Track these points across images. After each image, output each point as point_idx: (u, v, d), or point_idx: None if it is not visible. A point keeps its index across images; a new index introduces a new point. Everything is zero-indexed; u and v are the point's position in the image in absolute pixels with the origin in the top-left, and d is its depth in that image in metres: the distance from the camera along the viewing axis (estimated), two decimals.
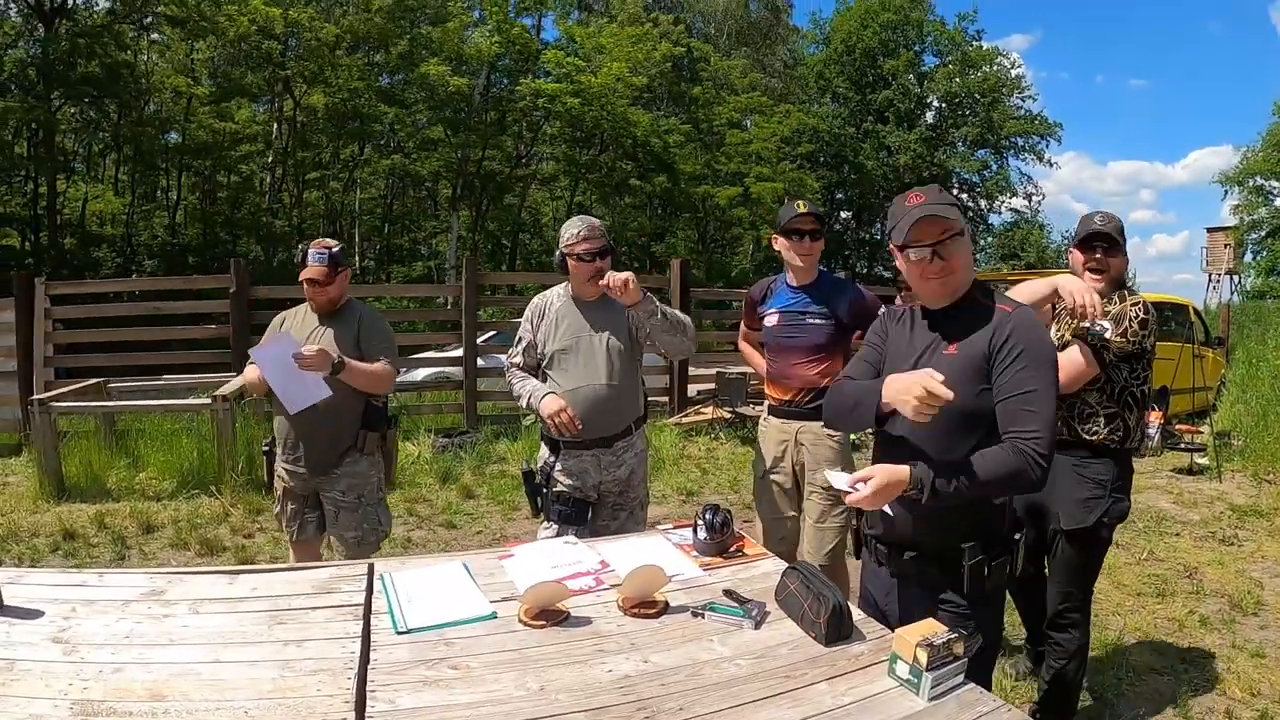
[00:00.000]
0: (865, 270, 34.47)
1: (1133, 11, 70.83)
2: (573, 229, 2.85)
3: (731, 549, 2.19)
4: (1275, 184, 30.06)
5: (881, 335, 2.01)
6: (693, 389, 8.95)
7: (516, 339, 3.07)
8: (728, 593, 1.88)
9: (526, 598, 1.76)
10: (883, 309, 2.30)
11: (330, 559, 3.25)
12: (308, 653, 1.56)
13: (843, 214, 36.43)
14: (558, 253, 2.92)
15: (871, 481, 1.74)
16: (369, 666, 1.51)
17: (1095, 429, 2.62)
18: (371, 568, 2.01)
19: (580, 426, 2.75)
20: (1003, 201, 37.02)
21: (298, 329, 3.11)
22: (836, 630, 1.69)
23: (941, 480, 1.71)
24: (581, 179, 27.69)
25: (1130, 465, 2.78)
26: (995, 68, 35.17)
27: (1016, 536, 1.89)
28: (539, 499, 2.91)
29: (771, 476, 3.16)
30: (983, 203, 37.09)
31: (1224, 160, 66.86)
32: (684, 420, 8.25)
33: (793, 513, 3.15)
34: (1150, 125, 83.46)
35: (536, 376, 2.98)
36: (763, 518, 3.24)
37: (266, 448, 3.23)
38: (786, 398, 3.11)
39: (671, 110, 29.57)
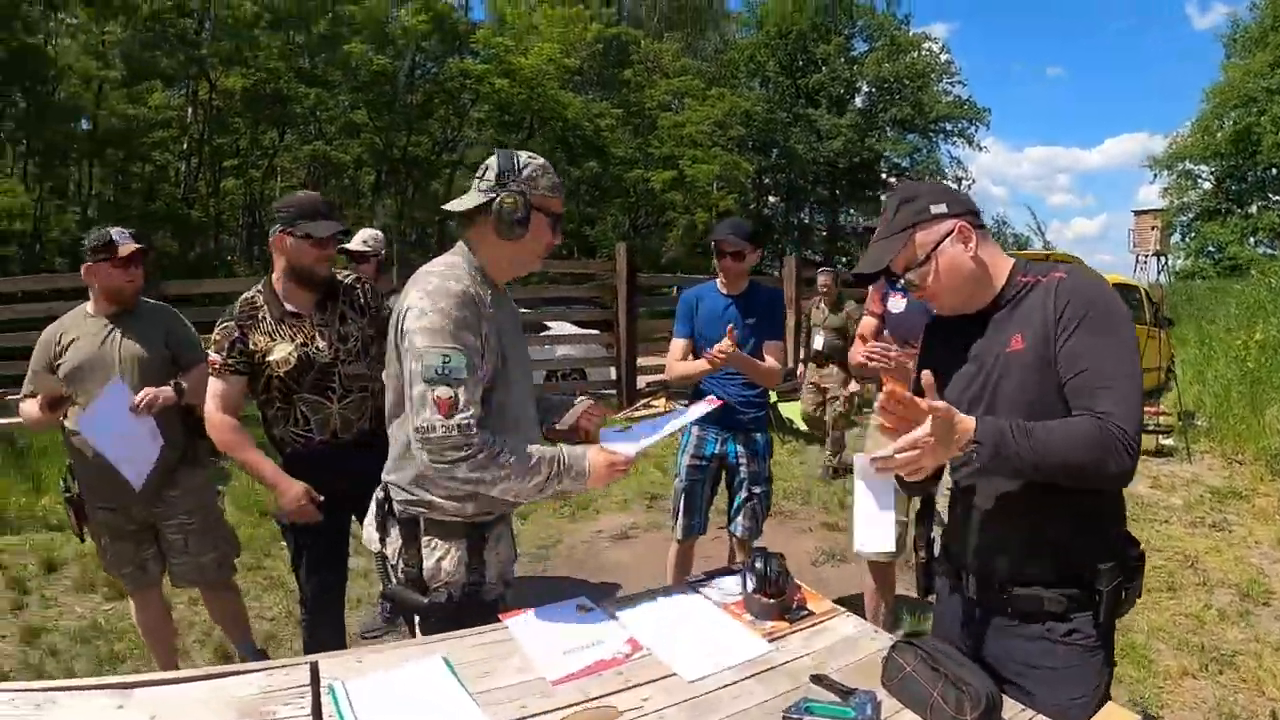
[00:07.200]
0: (794, 254, 34.79)
1: (1049, 2, 73.47)
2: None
3: (794, 606, 1.70)
4: (1204, 168, 30.28)
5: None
6: (641, 380, 8.56)
7: (458, 365, 1.58)
8: (816, 679, 1.39)
9: None
10: None
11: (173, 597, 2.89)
12: None
13: (771, 198, 36.44)
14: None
15: (922, 429, 1.29)
16: None
17: None
18: (315, 671, 1.37)
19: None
20: None
21: (88, 340, 2.61)
22: None
23: (1019, 436, 1.30)
24: None
25: None
26: (924, 53, 35.61)
27: (1136, 552, 1.51)
28: None
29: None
30: None
31: (1140, 145, 69.75)
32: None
33: None
34: (1067, 112, 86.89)
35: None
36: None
37: (66, 493, 2.76)
38: None
39: (602, 94, 29.03)
